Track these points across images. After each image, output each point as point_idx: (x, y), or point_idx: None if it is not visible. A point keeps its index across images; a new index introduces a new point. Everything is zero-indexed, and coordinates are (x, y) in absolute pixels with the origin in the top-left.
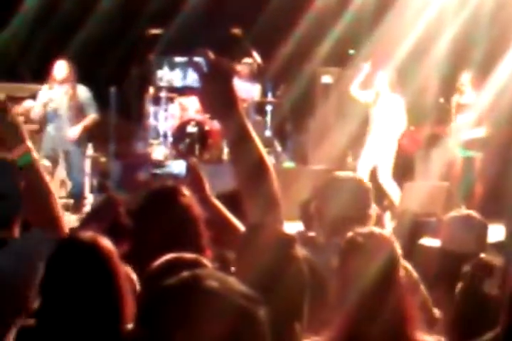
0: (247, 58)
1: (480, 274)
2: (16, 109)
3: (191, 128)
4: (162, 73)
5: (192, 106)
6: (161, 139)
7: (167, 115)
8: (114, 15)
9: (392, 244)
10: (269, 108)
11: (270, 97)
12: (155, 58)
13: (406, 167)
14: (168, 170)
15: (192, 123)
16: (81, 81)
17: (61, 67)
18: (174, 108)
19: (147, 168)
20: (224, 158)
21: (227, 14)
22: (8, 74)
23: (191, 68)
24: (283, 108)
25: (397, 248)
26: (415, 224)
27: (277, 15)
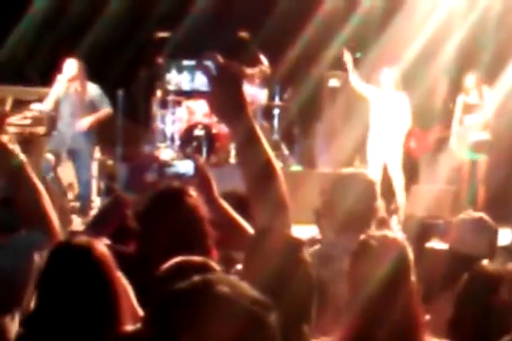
0: (257, 63)
1: (480, 280)
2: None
3: (198, 131)
4: (170, 76)
5: (199, 109)
6: (168, 142)
7: (174, 118)
8: (122, 18)
9: (404, 248)
10: (276, 111)
11: (277, 101)
12: (163, 61)
13: (412, 170)
14: (175, 170)
15: (199, 126)
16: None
17: (71, 66)
18: (181, 111)
19: (154, 169)
20: (231, 162)
21: (234, 17)
22: (16, 77)
23: (200, 71)
24: (290, 111)
25: (409, 252)
26: (423, 227)
27: (285, 18)
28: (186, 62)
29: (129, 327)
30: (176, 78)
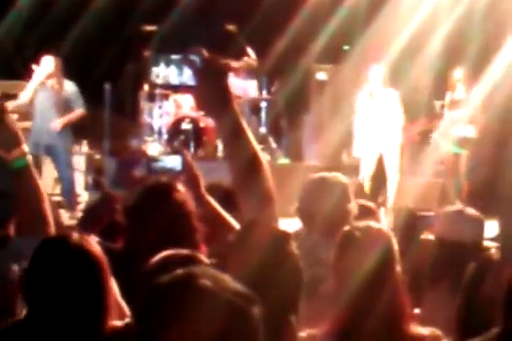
0: (244, 56)
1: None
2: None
3: (186, 125)
4: (158, 70)
5: (187, 103)
6: (156, 136)
7: (162, 112)
8: (109, 11)
9: (388, 239)
10: (263, 104)
11: (265, 94)
12: (151, 55)
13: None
14: (162, 165)
15: (186, 120)
16: (76, 77)
17: (47, 62)
18: (169, 105)
19: (143, 164)
20: (219, 155)
21: (221, 11)
22: (3, 71)
23: (186, 65)
24: (277, 105)
25: (393, 243)
26: (412, 219)
27: (271, 11)
28: (174, 56)
29: (117, 322)
30: (164, 72)
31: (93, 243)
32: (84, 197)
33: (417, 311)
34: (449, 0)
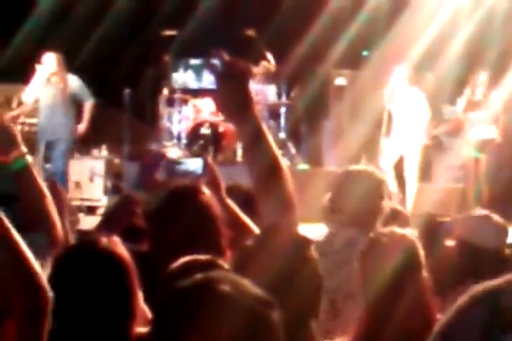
0: (262, 61)
1: None
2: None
3: (205, 130)
4: (177, 75)
5: (206, 108)
6: (175, 141)
7: (181, 117)
8: (129, 16)
9: (413, 244)
10: (283, 110)
11: (284, 99)
12: (170, 60)
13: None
14: (184, 168)
15: (206, 125)
16: (96, 81)
17: (50, 59)
18: (188, 110)
19: (163, 167)
20: (238, 160)
21: (241, 15)
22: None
23: (208, 70)
24: (297, 110)
25: (419, 248)
26: (434, 225)
27: (291, 16)
28: (193, 60)
29: (142, 328)
30: (183, 77)
31: (121, 246)
32: (103, 202)
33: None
34: (470, 5)
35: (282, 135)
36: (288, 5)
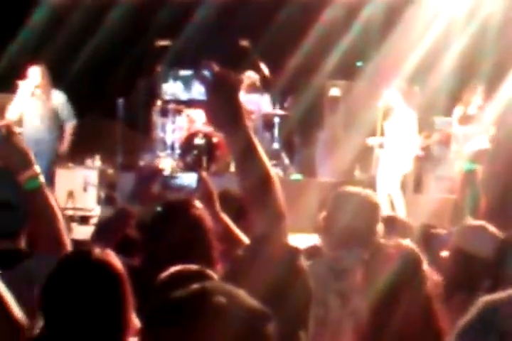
0: (250, 71)
1: None
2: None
3: (199, 140)
4: (167, 86)
5: (200, 118)
6: (169, 151)
7: (175, 127)
8: (123, 26)
9: (417, 256)
10: (276, 120)
11: (278, 110)
12: (162, 70)
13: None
14: (179, 182)
15: (199, 135)
16: (89, 92)
17: (35, 73)
18: (182, 120)
19: (159, 181)
20: (231, 170)
21: (235, 26)
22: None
23: (198, 81)
24: (291, 120)
25: (422, 260)
26: (428, 236)
27: (285, 27)
28: (182, 71)
29: (133, 339)
30: (172, 87)
31: (114, 258)
32: (96, 212)
33: None
34: (463, 17)
35: (276, 145)
36: (282, 16)
